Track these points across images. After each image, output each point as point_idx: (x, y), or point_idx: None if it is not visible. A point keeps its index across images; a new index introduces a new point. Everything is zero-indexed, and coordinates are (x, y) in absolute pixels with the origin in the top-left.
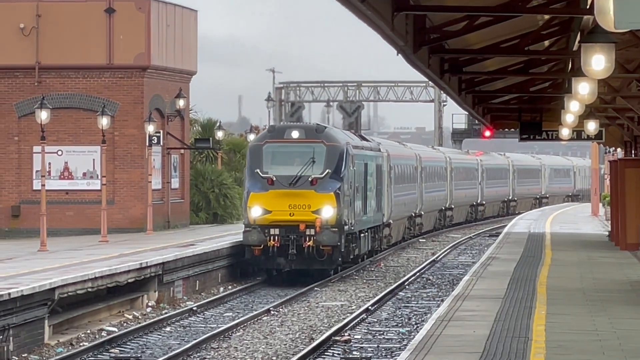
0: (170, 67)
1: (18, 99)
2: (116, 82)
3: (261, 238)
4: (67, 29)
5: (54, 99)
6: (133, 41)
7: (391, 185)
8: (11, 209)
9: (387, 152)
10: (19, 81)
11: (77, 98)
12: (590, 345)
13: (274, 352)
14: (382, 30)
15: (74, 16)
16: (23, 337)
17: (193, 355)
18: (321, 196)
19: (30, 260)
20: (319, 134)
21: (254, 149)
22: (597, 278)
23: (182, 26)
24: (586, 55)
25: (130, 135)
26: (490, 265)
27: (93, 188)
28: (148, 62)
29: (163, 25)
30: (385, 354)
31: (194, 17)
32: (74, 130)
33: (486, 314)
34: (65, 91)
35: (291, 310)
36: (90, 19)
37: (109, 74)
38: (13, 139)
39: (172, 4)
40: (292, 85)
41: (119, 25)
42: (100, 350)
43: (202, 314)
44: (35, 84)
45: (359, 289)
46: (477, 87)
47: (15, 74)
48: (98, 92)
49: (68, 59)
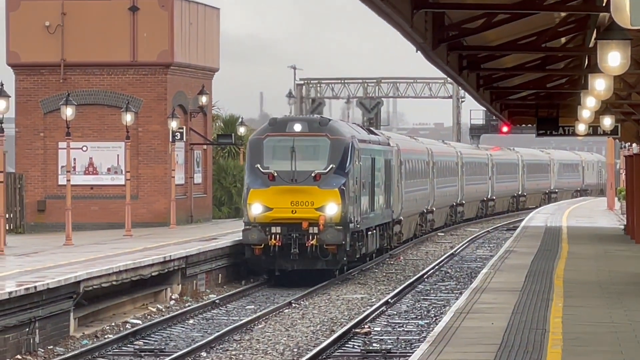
0: (193, 64)
1: (44, 95)
2: (140, 79)
3: (262, 237)
4: (91, 27)
5: (79, 95)
6: (156, 39)
7: (401, 181)
8: (37, 203)
9: (397, 146)
10: (45, 78)
11: (102, 95)
12: (607, 336)
13: (295, 344)
14: (401, 28)
15: (99, 14)
16: (49, 329)
17: (216, 347)
18: (325, 192)
19: (55, 254)
20: (322, 127)
21: (254, 143)
22: (613, 271)
23: (205, 24)
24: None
25: (153, 131)
26: (508, 258)
27: (117, 183)
28: (171, 60)
29: (186, 23)
30: (404, 345)
31: (216, 14)
32: (99, 127)
33: (504, 307)
34: (89, 88)
35: (312, 302)
36: (115, 17)
37: (132, 71)
38: (39, 135)
39: (194, 2)
40: (313, 82)
41: (142, 23)
42: (124, 343)
43: (224, 307)
44: (61, 81)
45: (379, 282)
46: (495, 83)
47: (40, 71)
48: (122, 88)
49: (92, 57)
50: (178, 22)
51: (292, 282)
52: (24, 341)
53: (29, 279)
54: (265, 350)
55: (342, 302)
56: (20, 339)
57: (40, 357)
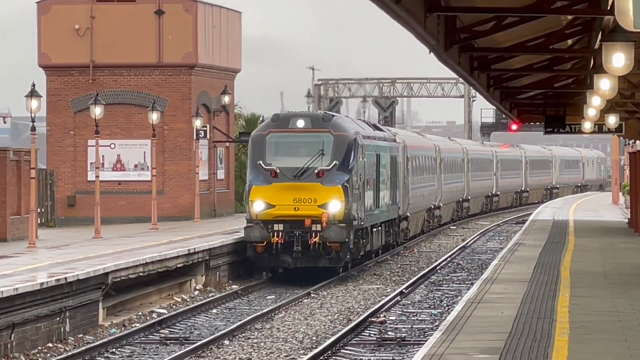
0: (216, 65)
1: (73, 95)
2: (165, 80)
3: (264, 234)
4: (119, 30)
5: (107, 95)
6: (181, 41)
7: (408, 177)
8: (67, 198)
9: (403, 142)
10: (75, 79)
11: (129, 94)
12: (612, 325)
13: (314, 332)
14: (415, 30)
15: (126, 17)
16: (79, 318)
17: (238, 335)
18: (328, 189)
19: (85, 246)
20: (326, 122)
21: (257, 139)
22: (617, 262)
23: (227, 27)
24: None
25: (178, 129)
26: (517, 250)
27: (144, 179)
28: (195, 61)
29: (209, 26)
30: (418, 334)
31: (238, 18)
32: (126, 125)
33: (513, 297)
34: (117, 88)
35: (330, 293)
36: (141, 20)
37: (158, 71)
38: (69, 133)
39: (217, 6)
40: (331, 82)
41: (167, 26)
42: (151, 331)
43: (246, 297)
44: (90, 82)
45: (394, 273)
46: (505, 83)
47: (70, 72)
48: (148, 89)
49: (120, 58)
50: (202, 25)
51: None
52: (55, 330)
53: (59, 270)
54: (285, 338)
55: (358, 293)
56: (51, 328)
57: (70, 345)
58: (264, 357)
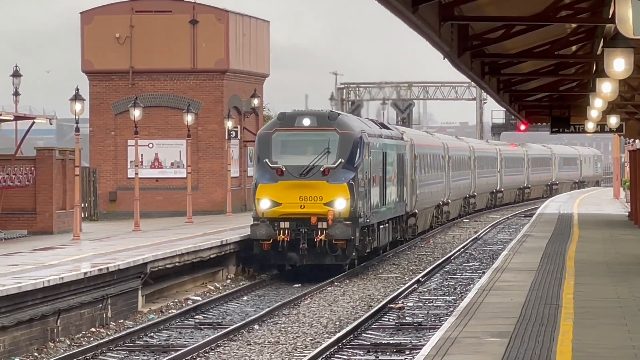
0: (246, 71)
1: (114, 99)
2: (199, 84)
3: (270, 232)
4: (156, 38)
5: (145, 98)
6: (214, 48)
7: (416, 175)
8: (109, 194)
9: (411, 140)
10: (115, 83)
11: (166, 98)
12: (613, 311)
13: (337, 317)
14: (430, 38)
15: (163, 26)
16: (119, 305)
17: (267, 320)
18: (334, 187)
19: (125, 238)
20: (331, 121)
21: (263, 137)
22: (618, 253)
23: (257, 35)
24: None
25: (211, 130)
26: (526, 241)
27: (180, 176)
28: (227, 66)
29: (240, 34)
30: (434, 319)
31: (266, 26)
32: (163, 126)
33: (522, 284)
34: (155, 92)
35: (352, 281)
36: (177, 29)
37: (193, 77)
38: (110, 134)
39: (247, 15)
40: (352, 86)
41: (201, 34)
42: (186, 317)
43: (274, 285)
44: (129, 86)
45: (411, 263)
46: (514, 86)
47: (111, 77)
48: (183, 92)
49: (157, 64)
50: (233, 34)
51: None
52: (97, 316)
53: (102, 260)
54: (311, 323)
55: (378, 281)
56: (94, 314)
57: (111, 330)
58: (291, 341)
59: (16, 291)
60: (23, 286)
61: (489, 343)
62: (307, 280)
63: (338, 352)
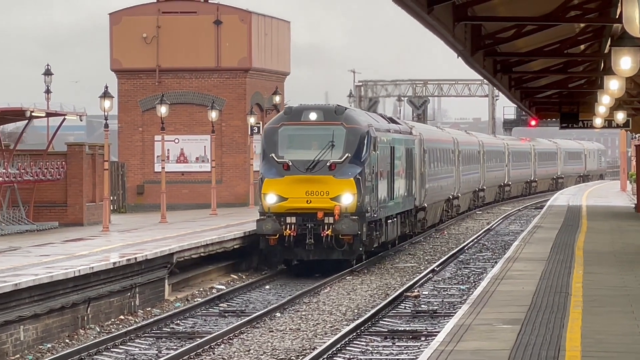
0: (268, 69)
1: (142, 96)
2: (223, 82)
3: (276, 227)
4: (182, 38)
5: (172, 96)
6: (237, 47)
7: (425, 169)
8: (136, 187)
9: (420, 135)
10: (142, 81)
11: (191, 95)
12: (620, 299)
13: (356, 305)
14: (444, 37)
15: (188, 27)
16: (147, 294)
17: (288, 308)
18: (340, 182)
19: (152, 230)
20: (338, 115)
21: (269, 132)
22: (625, 243)
23: (278, 34)
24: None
25: (235, 125)
26: (536, 232)
27: (204, 170)
28: (249, 65)
29: (262, 34)
30: (448, 307)
31: (287, 26)
32: (188, 122)
33: (533, 273)
34: (180, 89)
35: (370, 271)
36: (201, 29)
37: (217, 75)
38: (138, 130)
39: (269, 16)
40: (370, 83)
41: (225, 34)
42: (211, 305)
43: (295, 275)
44: (156, 84)
45: (426, 253)
46: (524, 84)
47: (139, 76)
48: (208, 90)
49: (183, 63)
50: (255, 33)
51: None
52: (126, 304)
53: (130, 251)
54: (330, 311)
55: (395, 270)
56: (123, 302)
57: (139, 317)
58: (311, 328)
59: (48, 280)
60: (55, 276)
61: (501, 330)
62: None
63: (356, 339)
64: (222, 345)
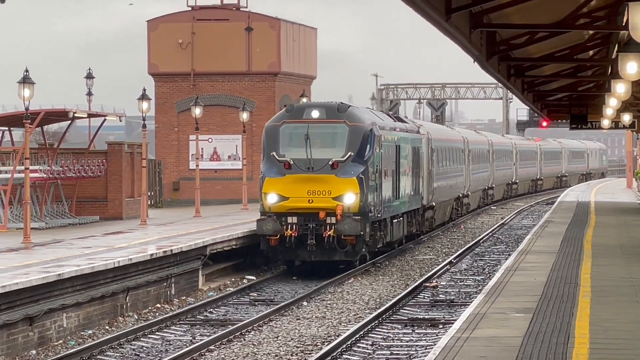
0: (295, 73)
1: (177, 98)
2: (253, 85)
3: (277, 227)
4: (215, 44)
5: (205, 98)
6: (267, 53)
7: (433, 168)
8: (172, 184)
9: (428, 134)
10: (178, 85)
11: (223, 97)
12: (626, 289)
13: (378, 295)
14: (462, 43)
15: (221, 33)
16: (182, 283)
17: (314, 297)
18: (343, 181)
19: (187, 224)
20: (341, 113)
21: (270, 130)
22: (631, 237)
23: (305, 40)
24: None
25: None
26: (547, 227)
27: (236, 167)
28: (278, 69)
29: (290, 40)
30: (464, 296)
31: (314, 33)
32: (221, 123)
33: (544, 265)
34: (213, 92)
35: (391, 263)
36: (233, 35)
37: (248, 78)
38: (173, 130)
39: (297, 23)
40: (391, 86)
41: (255, 41)
42: (242, 294)
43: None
44: (191, 87)
45: (444, 246)
46: (537, 87)
47: (175, 79)
48: (239, 92)
49: (216, 67)
50: (284, 40)
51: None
52: (162, 293)
53: (166, 243)
54: (354, 300)
55: (415, 262)
56: (159, 291)
57: (175, 306)
58: (336, 316)
59: (89, 271)
60: (96, 266)
61: (514, 318)
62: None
63: (378, 327)
64: (252, 332)
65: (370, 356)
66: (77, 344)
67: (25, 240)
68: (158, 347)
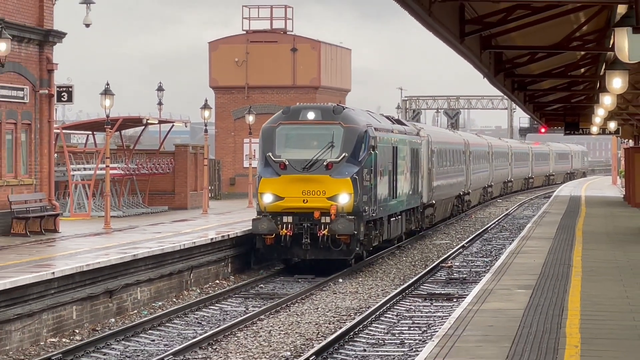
0: (333, 87)
1: (234, 107)
2: (298, 97)
3: (272, 227)
4: (266, 62)
5: (257, 108)
6: (309, 70)
7: (432, 168)
8: (229, 179)
9: (427, 136)
10: (234, 96)
11: (272, 107)
12: (612, 270)
13: (402, 273)
14: (473, 62)
15: (271, 53)
16: (237, 264)
17: (349, 275)
18: (337, 181)
19: (241, 213)
20: (336, 115)
21: (267, 131)
22: (616, 226)
23: (341, 59)
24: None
25: None
26: (545, 217)
27: None
28: (319, 84)
29: (329, 59)
30: (475, 275)
31: (349, 53)
32: None
33: (542, 249)
34: (264, 102)
35: (413, 246)
36: (281, 55)
37: (293, 91)
38: (230, 134)
39: (335, 45)
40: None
41: (299, 59)
42: (287, 273)
43: None
44: (245, 98)
45: (458, 233)
46: (536, 99)
47: (231, 92)
48: (286, 103)
49: (266, 81)
50: (324, 58)
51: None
52: (220, 271)
53: (224, 229)
54: (382, 278)
55: (433, 246)
56: (218, 270)
57: (231, 282)
58: (367, 291)
59: (159, 252)
60: (165, 248)
61: (517, 293)
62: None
63: (402, 300)
64: (296, 304)
65: (396, 325)
66: (149, 313)
67: (106, 226)
68: (217, 316)
